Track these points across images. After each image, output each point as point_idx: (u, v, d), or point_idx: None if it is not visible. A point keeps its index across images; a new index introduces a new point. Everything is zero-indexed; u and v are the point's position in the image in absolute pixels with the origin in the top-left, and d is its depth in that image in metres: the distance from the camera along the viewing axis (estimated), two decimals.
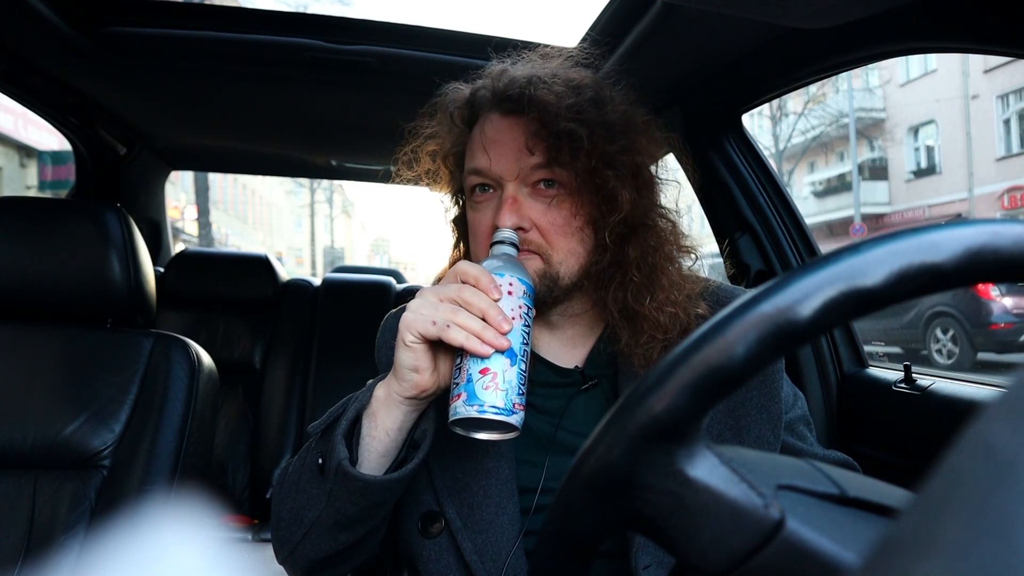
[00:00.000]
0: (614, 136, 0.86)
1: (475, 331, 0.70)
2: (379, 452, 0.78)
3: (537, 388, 0.91)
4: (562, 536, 0.43)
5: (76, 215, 1.34)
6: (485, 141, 0.88)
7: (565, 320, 0.94)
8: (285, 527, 0.85)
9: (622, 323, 0.87)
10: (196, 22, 1.57)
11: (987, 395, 1.18)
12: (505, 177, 0.86)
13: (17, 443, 1.24)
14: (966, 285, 0.35)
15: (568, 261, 0.87)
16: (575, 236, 0.87)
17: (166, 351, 1.34)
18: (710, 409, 0.38)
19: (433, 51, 1.60)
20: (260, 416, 2.45)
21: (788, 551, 0.35)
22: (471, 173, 0.90)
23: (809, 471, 0.40)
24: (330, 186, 29.52)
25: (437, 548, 0.87)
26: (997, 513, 0.17)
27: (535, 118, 0.84)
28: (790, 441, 0.94)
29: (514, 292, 0.75)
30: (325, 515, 0.80)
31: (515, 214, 0.84)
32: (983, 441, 0.19)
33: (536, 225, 0.86)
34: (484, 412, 0.70)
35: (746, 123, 1.62)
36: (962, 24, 0.94)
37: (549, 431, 0.90)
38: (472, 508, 0.86)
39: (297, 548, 0.84)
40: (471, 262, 0.77)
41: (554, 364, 0.93)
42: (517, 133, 0.86)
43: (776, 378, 0.91)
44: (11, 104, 2.72)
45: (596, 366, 0.93)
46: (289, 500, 0.85)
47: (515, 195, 0.86)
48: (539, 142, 0.84)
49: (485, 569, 0.83)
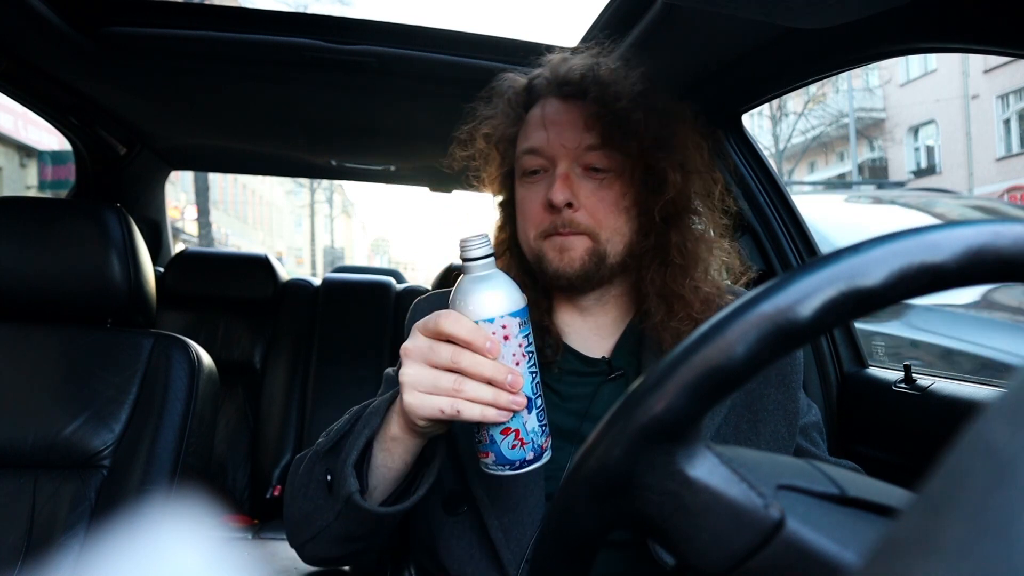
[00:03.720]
0: (666, 122, 0.91)
1: (488, 401, 0.66)
2: (391, 480, 0.78)
3: (564, 376, 0.93)
4: (563, 535, 0.43)
5: (76, 215, 1.34)
6: (544, 120, 0.91)
7: (599, 306, 0.96)
8: (294, 525, 0.86)
9: (658, 303, 0.89)
10: (196, 22, 1.57)
11: (987, 395, 1.18)
12: (559, 156, 0.89)
13: (17, 443, 1.24)
14: (966, 285, 0.35)
15: (614, 240, 0.90)
16: (622, 217, 0.90)
17: (166, 351, 1.34)
18: (710, 409, 0.38)
19: (433, 51, 1.60)
20: (260, 416, 2.45)
21: (788, 551, 0.35)
22: (525, 153, 0.92)
23: (809, 471, 0.40)
24: (330, 186, 29.51)
25: (460, 526, 0.87)
26: (997, 513, 0.17)
27: (594, 99, 0.88)
28: (804, 445, 0.95)
29: (510, 332, 0.67)
30: (333, 528, 0.80)
31: (567, 190, 0.87)
32: (983, 441, 0.19)
33: (585, 205, 0.88)
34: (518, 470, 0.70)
35: (746, 123, 1.62)
36: (962, 24, 0.94)
37: (575, 419, 0.91)
38: (500, 488, 0.86)
39: (306, 545, 0.85)
40: (450, 313, 0.67)
41: (581, 353, 0.95)
42: (575, 115, 0.90)
43: (795, 378, 0.93)
44: (11, 104, 2.72)
45: (623, 356, 0.95)
46: (298, 501, 0.85)
47: (567, 172, 0.88)
48: (596, 123, 0.88)
49: (509, 547, 0.84)
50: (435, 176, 2.84)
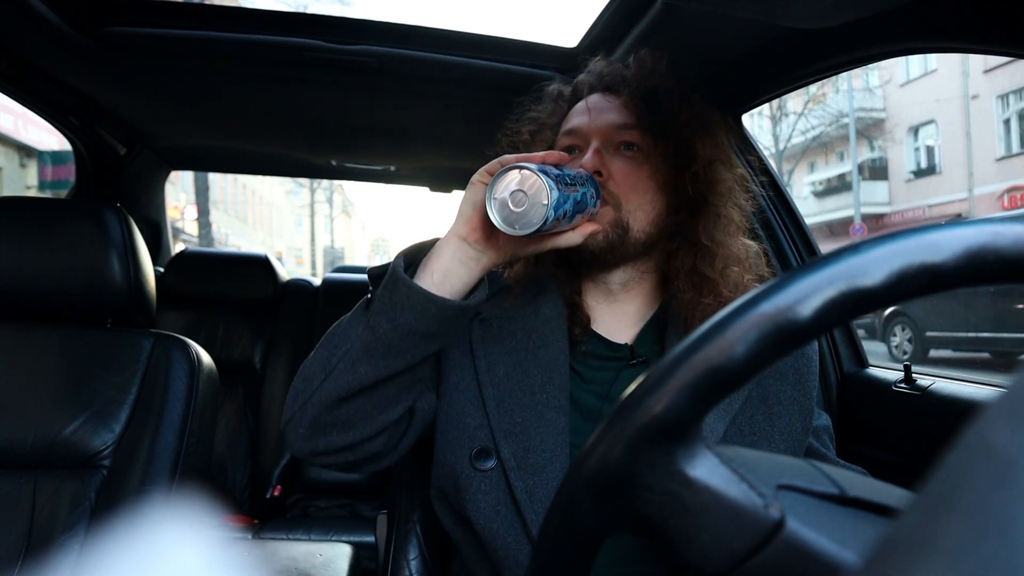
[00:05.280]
0: (695, 108, 0.97)
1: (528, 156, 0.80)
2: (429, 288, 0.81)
3: (587, 359, 0.96)
4: (562, 535, 0.43)
5: (76, 215, 1.34)
6: (586, 107, 0.99)
7: (625, 292, 0.98)
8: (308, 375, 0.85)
9: (686, 283, 0.92)
10: (197, 22, 1.57)
11: (987, 395, 1.18)
12: (594, 134, 0.96)
13: (17, 443, 1.24)
14: (966, 286, 0.35)
15: (638, 214, 0.93)
16: (649, 194, 0.95)
17: (166, 351, 1.34)
18: (710, 409, 0.38)
19: (433, 51, 1.60)
20: (260, 416, 2.45)
21: (788, 551, 0.35)
22: (564, 135, 0.99)
23: (809, 471, 0.40)
24: (330, 186, 29.51)
25: (489, 481, 0.87)
26: (997, 513, 0.17)
27: (632, 88, 0.97)
28: (815, 446, 0.97)
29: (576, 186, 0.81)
30: (356, 343, 0.81)
31: (598, 159, 0.93)
32: (983, 441, 0.19)
33: (613, 176, 0.93)
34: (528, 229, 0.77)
35: (746, 123, 1.62)
36: (962, 24, 0.94)
37: (597, 401, 0.93)
38: (528, 451, 0.87)
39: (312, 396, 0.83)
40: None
41: (605, 338, 0.97)
42: (613, 104, 0.97)
43: (811, 378, 0.94)
44: (11, 104, 2.72)
45: (646, 343, 0.96)
46: (322, 350, 0.86)
47: (600, 148, 0.94)
48: (632, 106, 0.96)
49: (533, 509, 0.84)
50: (435, 176, 2.84)
